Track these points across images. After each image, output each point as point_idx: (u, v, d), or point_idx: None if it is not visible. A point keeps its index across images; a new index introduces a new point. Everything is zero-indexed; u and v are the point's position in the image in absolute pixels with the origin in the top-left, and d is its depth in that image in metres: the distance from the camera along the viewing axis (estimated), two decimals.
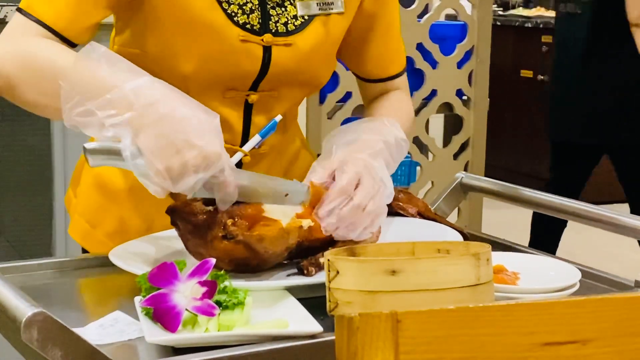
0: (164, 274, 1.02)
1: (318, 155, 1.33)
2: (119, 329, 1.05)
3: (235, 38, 1.31)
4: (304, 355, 0.99)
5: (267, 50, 1.33)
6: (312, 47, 1.36)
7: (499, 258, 1.24)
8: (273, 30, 1.33)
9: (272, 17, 1.34)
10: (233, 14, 1.31)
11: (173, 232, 1.35)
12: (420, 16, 3.16)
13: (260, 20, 1.33)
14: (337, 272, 1.04)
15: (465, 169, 3.30)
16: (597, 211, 1.37)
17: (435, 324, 0.75)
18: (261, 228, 1.16)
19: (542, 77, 5.71)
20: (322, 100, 3.07)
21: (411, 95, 3.25)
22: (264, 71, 1.34)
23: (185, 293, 1.01)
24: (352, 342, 0.73)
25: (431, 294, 1.01)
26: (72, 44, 1.26)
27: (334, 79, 3.08)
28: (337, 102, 3.10)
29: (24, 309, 0.90)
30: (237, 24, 1.31)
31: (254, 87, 1.35)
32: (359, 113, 3.16)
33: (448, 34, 3.21)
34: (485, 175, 4.08)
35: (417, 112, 3.20)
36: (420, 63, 3.17)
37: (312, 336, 1.00)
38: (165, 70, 1.29)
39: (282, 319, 1.04)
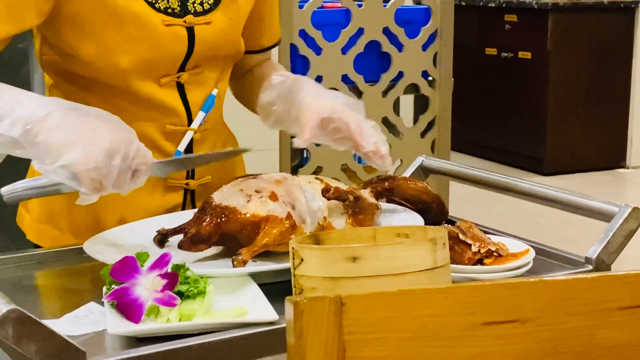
0: (125, 268, 1.01)
1: None
2: (93, 319, 1.04)
3: (160, 23, 1.32)
4: (261, 342, 0.99)
5: (190, 30, 1.35)
6: (227, 22, 1.39)
7: None
8: (192, 11, 1.36)
9: None
10: (154, 1, 1.33)
11: (146, 221, 1.35)
12: (386, 1, 3.15)
13: (179, 3, 1.35)
14: (302, 260, 1.03)
15: (432, 147, 3.30)
16: (556, 193, 1.36)
17: (378, 306, 0.76)
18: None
19: (505, 54, 5.71)
20: None
21: (379, 77, 3.27)
22: (190, 51, 1.36)
23: (146, 286, 1.00)
24: (298, 325, 0.74)
25: (391, 279, 1.01)
26: None
27: (305, 64, 3.08)
28: None
29: None
30: (159, 10, 1.33)
31: (182, 68, 1.37)
32: None
33: (413, 18, 3.20)
34: (455, 150, 4.07)
35: (385, 93, 3.20)
36: (387, 46, 3.16)
37: (271, 323, 1.00)
38: (104, 69, 1.31)
39: (241, 307, 1.03)
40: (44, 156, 1.11)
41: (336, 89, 3.10)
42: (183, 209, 1.42)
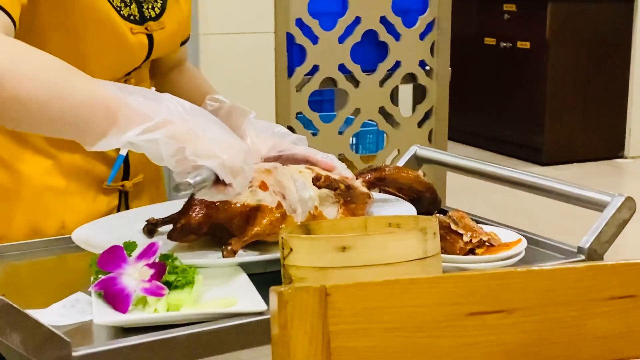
0: (112, 257, 1.00)
1: None
2: (80, 309, 1.03)
3: (128, 32, 1.30)
4: (250, 333, 0.98)
5: (149, 37, 1.33)
6: (176, 25, 1.38)
7: None
8: (148, 17, 1.33)
9: (143, 5, 1.33)
10: (118, 8, 1.29)
11: (135, 211, 1.34)
12: None
13: (137, 10, 1.32)
14: (291, 250, 1.02)
15: (430, 136, 3.29)
16: (550, 183, 1.34)
17: (364, 296, 0.75)
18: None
19: (504, 44, 5.69)
20: (290, 73, 3.05)
21: (376, 67, 3.27)
22: (147, 57, 1.34)
23: (134, 275, 0.99)
24: (282, 314, 0.73)
25: (381, 269, 1.00)
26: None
27: (301, 53, 3.06)
28: (304, 75, 3.08)
29: None
30: (124, 17, 1.29)
31: (130, 72, 1.35)
32: (327, 85, 3.14)
33: (410, 7, 3.19)
34: (452, 139, 4.06)
35: (382, 82, 3.19)
36: (384, 35, 3.15)
37: (260, 313, 0.99)
38: None
39: (230, 297, 1.02)
40: (199, 151, 1.06)
41: (333, 79, 3.11)
42: (118, 211, 1.39)
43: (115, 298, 0.98)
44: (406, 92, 3.68)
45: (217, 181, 1.08)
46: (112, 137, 1.05)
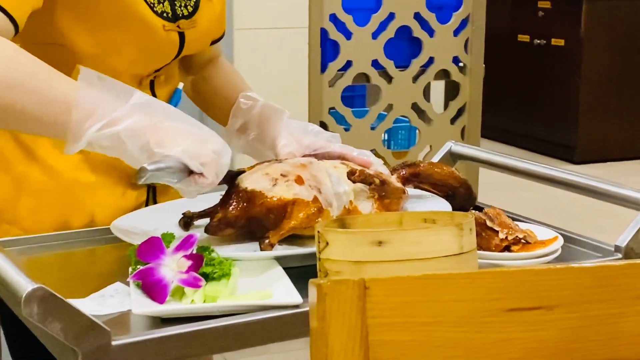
0: (151, 248, 1.01)
1: None
2: (119, 299, 1.04)
3: (161, 28, 1.29)
4: (285, 325, 0.99)
5: (181, 35, 1.32)
6: (208, 23, 1.37)
7: None
8: (181, 15, 1.32)
9: (176, 3, 1.32)
10: (152, 4, 1.28)
11: (172, 203, 1.35)
12: None
13: (170, 7, 1.31)
14: (327, 243, 1.03)
15: (462, 133, 3.28)
16: (586, 181, 1.33)
17: (402, 290, 0.75)
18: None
19: (538, 41, 5.65)
20: (323, 69, 3.05)
21: (409, 63, 3.26)
22: (177, 54, 1.34)
23: (172, 266, 1.00)
24: (321, 307, 0.73)
25: (416, 264, 1.00)
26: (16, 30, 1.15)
27: (335, 48, 3.06)
28: (338, 70, 3.08)
29: (24, 284, 0.89)
30: (157, 14, 1.28)
31: (159, 69, 1.35)
32: (360, 81, 3.14)
33: (444, 3, 3.18)
34: (484, 136, 4.06)
35: (415, 79, 3.18)
36: (418, 32, 3.14)
37: (295, 306, 0.99)
38: (97, 66, 1.18)
39: (266, 290, 1.03)
40: (161, 141, 1.10)
41: (366, 74, 3.11)
42: (146, 206, 1.39)
43: (153, 288, 1.00)
44: (439, 89, 3.67)
45: (192, 172, 1.10)
46: (72, 133, 1.08)
